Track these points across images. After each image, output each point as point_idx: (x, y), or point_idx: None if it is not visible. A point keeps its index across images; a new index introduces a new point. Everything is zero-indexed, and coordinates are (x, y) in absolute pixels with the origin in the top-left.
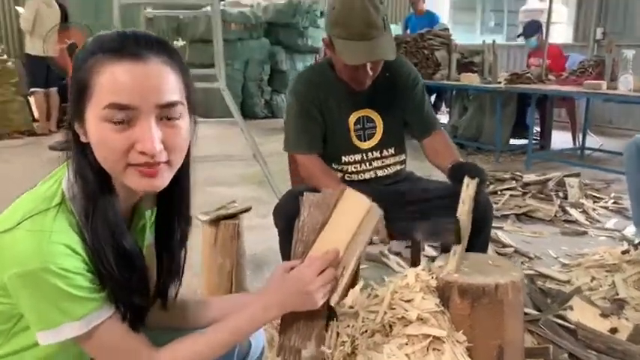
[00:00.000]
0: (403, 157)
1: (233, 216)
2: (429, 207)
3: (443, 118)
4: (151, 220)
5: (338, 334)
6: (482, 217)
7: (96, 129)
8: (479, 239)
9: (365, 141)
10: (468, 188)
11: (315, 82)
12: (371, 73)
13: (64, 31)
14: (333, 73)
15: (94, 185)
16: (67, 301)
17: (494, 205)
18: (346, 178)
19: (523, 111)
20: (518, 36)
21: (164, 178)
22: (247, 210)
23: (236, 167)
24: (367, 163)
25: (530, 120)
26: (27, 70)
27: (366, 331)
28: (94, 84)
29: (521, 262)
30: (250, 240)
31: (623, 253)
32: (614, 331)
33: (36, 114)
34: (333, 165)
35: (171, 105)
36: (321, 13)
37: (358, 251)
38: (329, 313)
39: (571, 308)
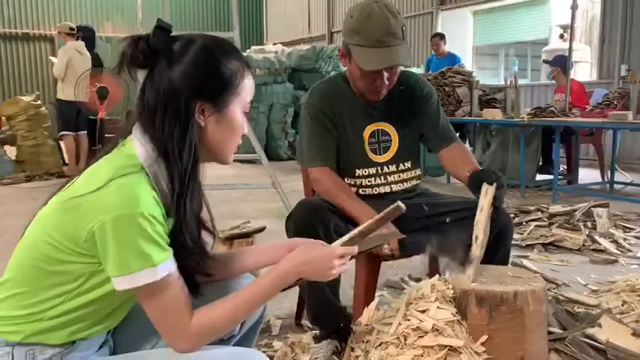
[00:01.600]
0: (419, 171)
1: (247, 235)
2: (444, 220)
3: None
4: None
5: (353, 349)
6: (501, 230)
7: (237, 117)
8: (498, 253)
9: (380, 155)
10: (487, 194)
11: (329, 94)
12: (387, 82)
13: (96, 75)
14: (347, 86)
15: (192, 162)
16: (149, 247)
17: (520, 236)
18: (360, 192)
19: (549, 149)
20: (545, 62)
21: None
22: (261, 230)
23: (258, 202)
24: (382, 177)
25: (555, 154)
26: (58, 113)
27: (380, 344)
28: (242, 85)
29: (548, 289)
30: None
31: None
32: None
33: (66, 157)
34: (347, 179)
35: None
36: None
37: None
38: (346, 328)
39: (599, 326)
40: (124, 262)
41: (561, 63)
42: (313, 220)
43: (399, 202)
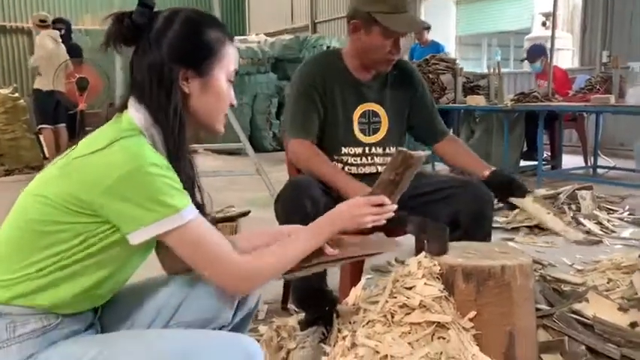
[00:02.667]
0: None
1: (231, 219)
2: (428, 200)
3: None
4: None
5: (339, 330)
6: (479, 210)
7: (221, 84)
8: (479, 231)
9: (369, 135)
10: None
11: (322, 67)
12: (402, 48)
13: (75, 66)
14: (342, 62)
15: (178, 125)
16: (167, 194)
17: (505, 219)
18: (345, 170)
19: (533, 136)
20: (522, 60)
21: None
22: (246, 214)
23: (243, 191)
24: (369, 158)
25: (539, 139)
26: (35, 105)
27: (367, 322)
28: (224, 52)
29: (535, 270)
30: None
31: None
32: (634, 325)
33: (46, 151)
34: (333, 156)
35: None
36: (328, 47)
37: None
38: (331, 312)
39: (587, 302)
40: (145, 213)
41: (540, 51)
42: (302, 199)
43: (404, 149)
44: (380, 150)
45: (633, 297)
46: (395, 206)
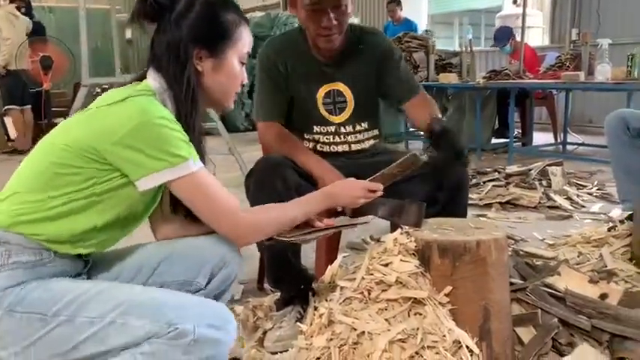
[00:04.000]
0: (377, 131)
1: None
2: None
3: None
4: None
5: (316, 308)
6: (457, 183)
7: (233, 64)
8: (457, 207)
9: (336, 115)
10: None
11: (283, 47)
12: (335, 22)
13: (38, 44)
14: (305, 42)
15: (192, 92)
16: (175, 145)
17: (478, 196)
18: (318, 148)
19: (504, 113)
20: (493, 46)
21: None
22: None
23: (217, 173)
24: (341, 136)
25: (510, 117)
26: (2, 85)
27: (344, 300)
28: (238, 35)
29: (508, 245)
30: None
31: (609, 229)
32: (604, 296)
33: (12, 133)
34: (305, 135)
35: None
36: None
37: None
38: (307, 290)
39: (559, 274)
40: (161, 159)
41: (507, 34)
42: (272, 177)
43: (417, 154)
44: (350, 128)
45: (603, 269)
46: (381, 192)
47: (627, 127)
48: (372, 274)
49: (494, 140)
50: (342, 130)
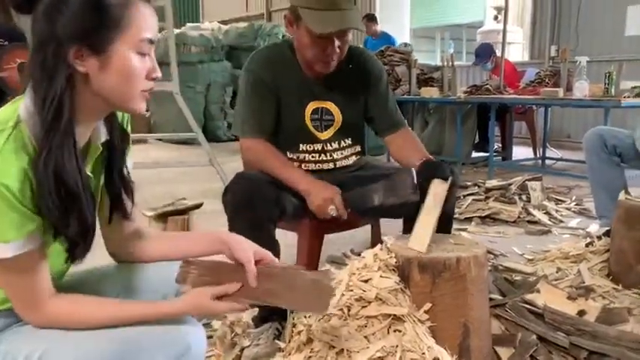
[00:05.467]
0: (359, 147)
1: (183, 212)
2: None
3: None
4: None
5: (294, 325)
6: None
7: (126, 58)
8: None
9: (322, 132)
10: (437, 192)
11: (272, 62)
12: (338, 51)
13: (17, 50)
14: (293, 56)
15: (64, 116)
16: (3, 221)
17: (458, 210)
18: (303, 167)
19: (485, 127)
20: (474, 63)
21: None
22: (198, 206)
23: (195, 182)
24: (327, 154)
25: (490, 131)
26: None
27: (323, 317)
28: (129, 21)
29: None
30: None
31: (587, 245)
32: (582, 313)
33: None
34: (289, 154)
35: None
36: (283, 36)
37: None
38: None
39: (538, 291)
40: None
41: (488, 52)
42: (251, 193)
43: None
44: (335, 145)
45: (581, 285)
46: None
47: (605, 144)
48: (351, 290)
49: (474, 154)
50: (329, 147)
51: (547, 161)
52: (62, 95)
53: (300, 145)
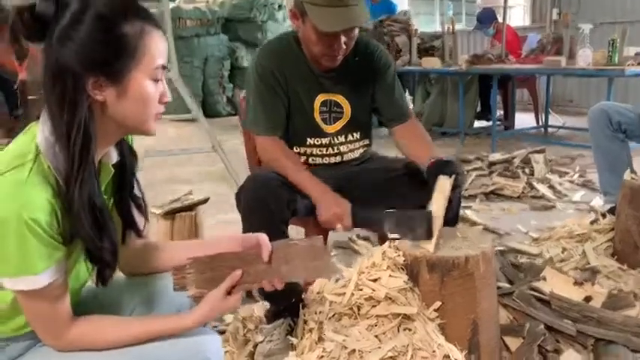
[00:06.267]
0: (367, 141)
1: (190, 208)
2: (392, 186)
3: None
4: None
5: (305, 322)
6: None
7: (142, 86)
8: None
9: (330, 124)
10: (444, 187)
11: (280, 56)
12: (344, 47)
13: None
14: (299, 49)
15: (92, 145)
16: (32, 254)
17: None
18: (310, 161)
19: (486, 95)
20: (476, 29)
21: None
22: (205, 201)
23: (198, 165)
24: (334, 148)
25: (492, 101)
26: None
27: (334, 315)
28: (144, 50)
29: (492, 240)
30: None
31: (592, 223)
32: (588, 299)
33: None
34: (297, 148)
35: None
36: (279, 6)
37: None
38: (298, 303)
39: (544, 279)
40: (5, 263)
41: (490, 18)
42: (265, 195)
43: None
44: (342, 138)
45: (586, 267)
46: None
47: (610, 121)
48: (361, 290)
49: (476, 123)
50: (336, 140)
51: (550, 129)
52: (87, 125)
53: (308, 140)
